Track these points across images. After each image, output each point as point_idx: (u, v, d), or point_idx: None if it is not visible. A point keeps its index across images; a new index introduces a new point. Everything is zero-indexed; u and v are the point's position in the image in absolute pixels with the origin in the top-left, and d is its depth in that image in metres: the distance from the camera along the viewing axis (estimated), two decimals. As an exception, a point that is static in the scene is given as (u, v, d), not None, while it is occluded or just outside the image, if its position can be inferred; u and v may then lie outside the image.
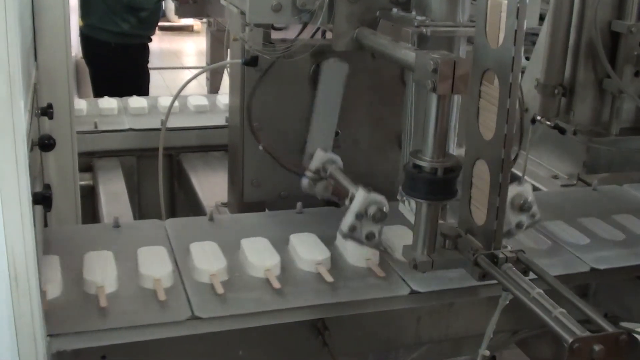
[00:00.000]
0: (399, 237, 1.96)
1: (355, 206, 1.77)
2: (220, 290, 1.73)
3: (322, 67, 2.23)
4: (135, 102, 3.38)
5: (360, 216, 1.76)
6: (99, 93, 4.43)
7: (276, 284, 1.77)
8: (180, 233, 2.02)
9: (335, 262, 1.90)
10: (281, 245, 1.95)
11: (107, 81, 4.58)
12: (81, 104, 3.27)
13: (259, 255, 1.87)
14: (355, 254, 1.91)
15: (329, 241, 1.97)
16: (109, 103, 3.34)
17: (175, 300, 1.70)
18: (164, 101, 3.36)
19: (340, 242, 1.97)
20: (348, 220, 1.76)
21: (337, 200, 2.14)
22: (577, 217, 2.26)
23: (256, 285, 1.79)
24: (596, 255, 2.02)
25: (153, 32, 4.88)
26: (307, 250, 1.91)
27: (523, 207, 1.84)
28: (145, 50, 4.87)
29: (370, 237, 1.77)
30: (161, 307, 1.68)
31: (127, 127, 3.14)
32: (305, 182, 2.15)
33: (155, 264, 1.81)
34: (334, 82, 2.24)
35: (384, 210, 1.76)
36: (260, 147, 2.22)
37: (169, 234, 2.01)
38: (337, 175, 2.04)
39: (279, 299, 1.75)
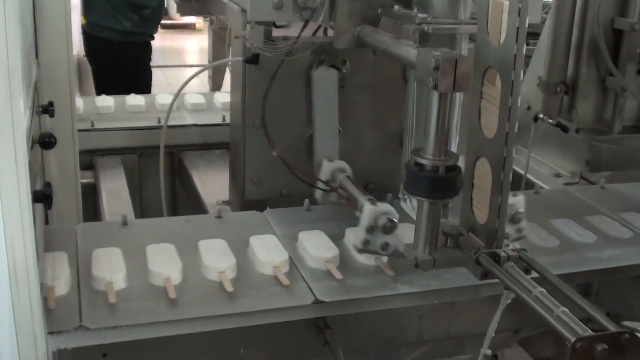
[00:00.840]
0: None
1: (364, 221, 1.77)
2: (229, 288, 1.73)
3: (312, 77, 2.22)
4: (134, 100, 3.38)
5: (371, 230, 1.77)
6: (101, 91, 4.43)
7: (285, 281, 1.78)
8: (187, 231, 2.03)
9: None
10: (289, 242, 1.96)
11: (109, 79, 4.58)
12: (79, 102, 3.27)
13: (268, 252, 1.88)
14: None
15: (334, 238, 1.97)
16: (106, 101, 3.34)
17: (182, 298, 1.70)
18: (162, 99, 3.36)
19: (347, 239, 1.98)
20: (360, 235, 1.78)
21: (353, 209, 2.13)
22: (584, 215, 2.26)
23: (264, 282, 1.80)
24: (606, 254, 2.02)
25: (156, 30, 4.88)
26: (316, 247, 1.91)
27: (513, 218, 1.84)
28: (148, 48, 4.87)
29: (385, 247, 1.77)
30: (166, 305, 1.68)
31: (127, 125, 3.13)
32: (318, 194, 2.15)
33: (164, 262, 1.81)
34: (326, 90, 2.23)
35: (394, 219, 1.76)
36: (275, 154, 2.21)
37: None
38: (346, 185, 2.04)
39: (283, 297, 1.75)
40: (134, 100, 3.37)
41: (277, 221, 2.10)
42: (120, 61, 4.61)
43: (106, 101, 3.32)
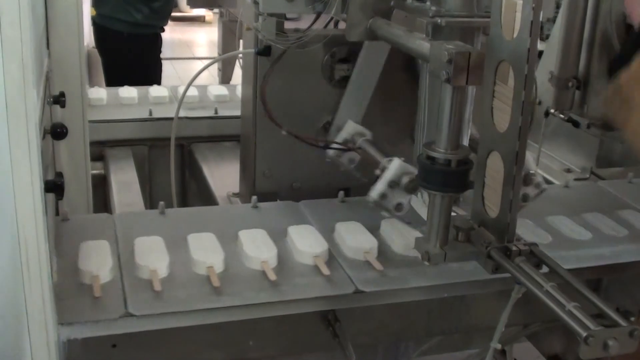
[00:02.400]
0: (398, 231, 1.96)
1: (389, 174, 1.76)
2: (272, 277, 1.76)
3: (365, 44, 2.22)
4: (154, 91, 3.39)
5: (393, 184, 1.76)
6: (111, 83, 4.44)
7: (326, 271, 1.79)
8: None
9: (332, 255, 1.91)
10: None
11: (119, 71, 4.58)
12: (102, 93, 3.29)
13: (307, 242, 1.90)
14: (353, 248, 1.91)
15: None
16: (129, 92, 3.36)
17: (225, 286, 1.72)
18: (154, 91, 3.39)
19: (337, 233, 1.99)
20: (379, 187, 1.77)
21: (360, 176, 2.13)
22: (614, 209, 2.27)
23: (305, 272, 1.82)
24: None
25: (166, 23, 4.88)
26: (353, 238, 1.93)
27: (526, 180, 1.84)
28: (158, 40, 4.87)
29: (399, 208, 1.77)
30: (209, 292, 1.70)
31: (138, 116, 3.13)
32: (331, 152, 2.14)
33: (206, 251, 1.84)
34: (375, 56, 2.23)
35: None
36: (284, 132, 2.21)
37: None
38: (368, 147, 2.04)
39: (289, 290, 1.75)
40: (156, 91, 3.39)
41: (312, 212, 2.12)
42: (130, 53, 4.61)
43: (130, 92, 3.34)
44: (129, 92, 3.36)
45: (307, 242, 1.90)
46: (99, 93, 3.31)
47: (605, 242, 2.06)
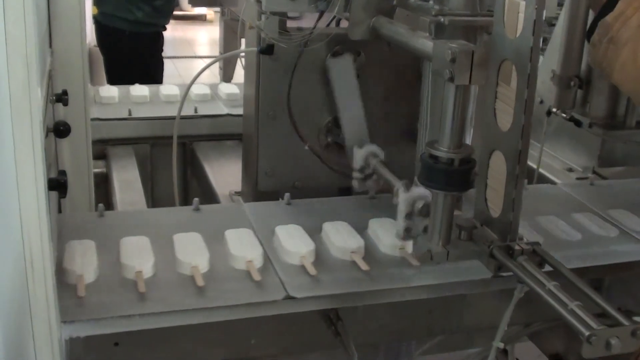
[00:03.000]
0: (385, 230, 1.97)
1: (401, 209, 1.77)
2: (313, 271, 1.78)
3: (328, 67, 2.22)
4: (141, 90, 3.39)
5: (410, 216, 1.76)
6: (112, 81, 4.44)
7: (312, 271, 1.80)
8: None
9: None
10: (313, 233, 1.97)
11: (120, 69, 4.59)
12: (114, 91, 3.31)
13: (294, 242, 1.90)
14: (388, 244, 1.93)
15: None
16: (142, 90, 3.37)
17: (266, 279, 1.75)
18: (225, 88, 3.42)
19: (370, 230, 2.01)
20: (400, 224, 1.77)
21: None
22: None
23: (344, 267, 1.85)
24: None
25: (167, 21, 4.88)
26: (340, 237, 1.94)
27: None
28: (160, 39, 4.87)
29: (426, 230, 1.77)
30: (172, 295, 1.69)
31: (140, 115, 3.14)
32: (355, 183, 2.14)
33: (244, 247, 1.86)
34: (344, 77, 2.22)
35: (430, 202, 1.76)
36: (306, 147, 2.22)
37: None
38: (380, 170, 2.04)
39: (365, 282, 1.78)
40: (167, 89, 3.39)
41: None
42: (131, 51, 4.62)
43: (142, 90, 3.35)
44: (141, 90, 3.37)
45: (342, 238, 1.92)
46: (110, 91, 3.33)
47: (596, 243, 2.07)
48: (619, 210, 2.26)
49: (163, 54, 4.98)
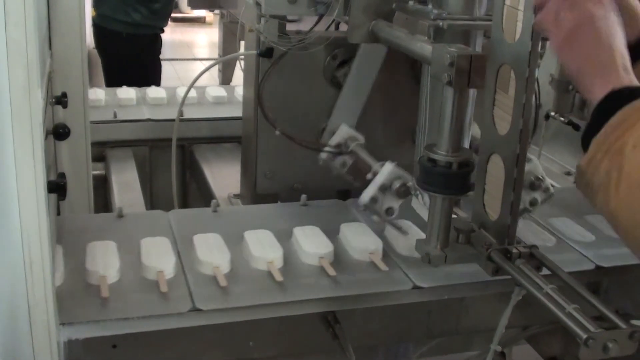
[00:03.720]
0: (355, 234, 1.98)
1: (380, 178, 1.77)
2: (332, 272, 1.78)
3: (361, 47, 2.21)
4: (151, 92, 3.40)
5: (383, 188, 1.76)
6: (111, 83, 4.44)
7: (383, 267, 1.84)
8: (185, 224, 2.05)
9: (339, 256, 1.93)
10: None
11: (118, 71, 4.58)
12: (101, 94, 3.30)
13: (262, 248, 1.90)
14: (358, 248, 1.93)
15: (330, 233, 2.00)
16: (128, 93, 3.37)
17: (287, 280, 1.76)
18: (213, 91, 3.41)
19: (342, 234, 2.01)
20: (370, 191, 1.77)
21: (351, 180, 2.13)
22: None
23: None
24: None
25: (165, 24, 4.87)
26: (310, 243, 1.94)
27: (534, 185, 1.84)
28: (157, 41, 4.87)
29: (389, 212, 1.77)
30: (169, 298, 1.70)
31: (140, 117, 3.14)
32: (323, 155, 2.15)
33: (264, 248, 1.88)
34: (371, 61, 2.22)
35: (408, 185, 1.75)
36: (277, 133, 2.21)
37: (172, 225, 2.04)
38: (360, 152, 2.04)
39: (290, 291, 1.76)
40: (153, 92, 3.39)
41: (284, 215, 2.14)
42: (128, 54, 4.61)
43: (128, 93, 3.35)
44: (127, 93, 3.36)
45: (360, 239, 1.94)
46: (97, 94, 3.32)
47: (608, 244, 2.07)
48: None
49: (162, 57, 4.98)
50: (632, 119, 1.26)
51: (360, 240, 1.94)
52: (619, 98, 1.29)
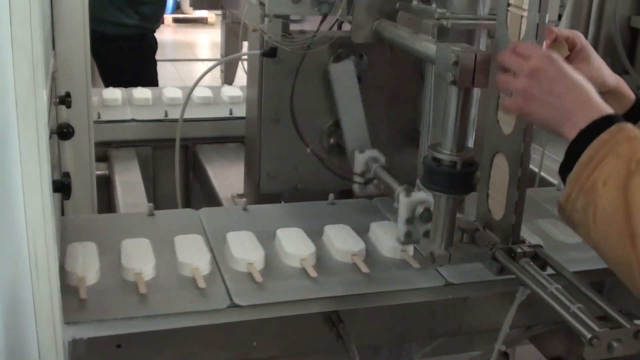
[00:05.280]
0: (385, 233, 1.98)
1: (402, 214, 1.77)
2: (259, 278, 1.76)
3: (330, 72, 2.23)
4: (142, 93, 3.39)
5: (410, 221, 1.76)
6: (108, 84, 4.41)
7: (365, 269, 1.82)
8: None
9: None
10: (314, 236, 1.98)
11: (110, 72, 4.54)
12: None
13: (294, 244, 1.90)
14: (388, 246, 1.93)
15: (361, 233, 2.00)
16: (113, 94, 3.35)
17: (211, 288, 1.73)
18: (169, 92, 3.39)
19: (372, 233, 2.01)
20: (401, 229, 1.77)
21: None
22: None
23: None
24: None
25: (156, 26, 4.80)
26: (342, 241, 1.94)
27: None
28: (146, 42, 4.78)
29: (427, 234, 1.77)
30: (180, 296, 1.69)
31: (144, 117, 3.14)
32: (355, 187, 2.15)
33: (297, 245, 1.88)
34: (346, 82, 2.23)
35: (431, 208, 1.76)
36: (308, 150, 2.22)
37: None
38: (381, 175, 2.04)
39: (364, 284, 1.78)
40: (142, 93, 3.38)
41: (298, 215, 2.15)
42: (117, 54, 4.56)
43: (113, 94, 3.34)
44: (112, 93, 3.35)
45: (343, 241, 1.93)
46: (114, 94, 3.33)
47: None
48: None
49: (163, 57, 4.92)
50: (600, 154, 1.31)
51: (388, 239, 1.95)
52: (588, 134, 1.34)
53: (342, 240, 1.92)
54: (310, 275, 1.78)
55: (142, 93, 3.36)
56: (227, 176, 2.86)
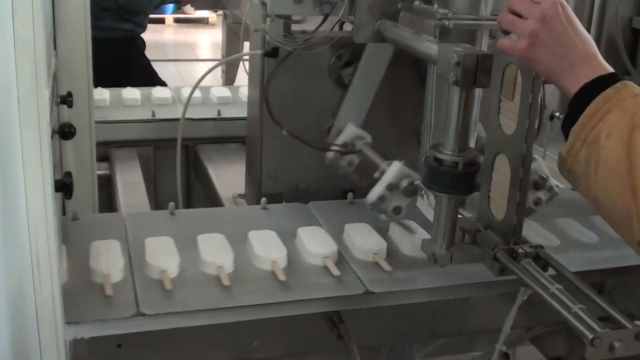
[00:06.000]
0: (404, 233, 1.98)
1: (388, 176, 1.76)
2: (336, 271, 1.78)
3: (368, 47, 2.21)
4: (131, 93, 3.38)
5: (391, 187, 1.76)
6: (95, 85, 4.37)
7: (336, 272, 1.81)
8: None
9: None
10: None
11: (100, 74, 4.51)
12: (105, 94, 3.30)
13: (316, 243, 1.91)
14: (363, 249, 1.92)
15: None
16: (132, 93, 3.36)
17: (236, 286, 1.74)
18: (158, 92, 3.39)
19: (346, 235, 2.00)
20: (378, 189, 1.77)
21: (358, 180, 2.13)
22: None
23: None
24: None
25: (141, 30, 4.77)
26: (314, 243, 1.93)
27: (538, 184, 1.84)
28: (135, 43, 4.75)
29: (397, 211, 1.77)
30: (176, 297, 1.69)
31: (144, 117, 3.14)
32: (330, 155, 2.15)
33: (215, 251, 1.86)
34: (377, 60, 2.22)
35: (416, 184, 1.75)
36: (284, 132, 2.21)
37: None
38: (367, 151, 2.04)
39: (293, 290, 1.76)
40: (131, 93, 3.37)
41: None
42: (102, 57, 4.52)
43: (102, 94, 3.33)
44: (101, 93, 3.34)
45: (316, 244, 1.91)
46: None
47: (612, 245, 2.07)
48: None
49: (165, 57, 4.90)
50: (605, 108, 1.33)
51: (364, 240, 1.94)
52: (592, 88, 1.36)
53: (362, 239, 1.93)
54: (333, 273, 1.79)
55: (130, 93, 3.36)
56: (228, 176, 2.86)
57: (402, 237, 1.96)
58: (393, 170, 1.79)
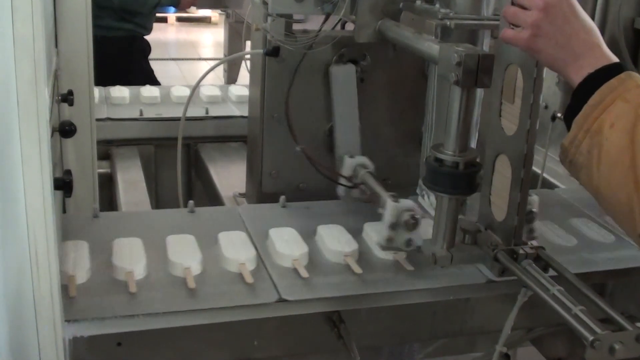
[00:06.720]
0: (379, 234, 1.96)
1: (387, 219, 1.77)
2: (250, 279, 1.76)
3: (331, 74, 2.22)
4: (119, 91, 3.39)
5: (394, 227, 1.76)
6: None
7: (304, 274, 1.80)
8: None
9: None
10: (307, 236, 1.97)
11: (99, 73, 4.50)
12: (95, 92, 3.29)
13: (287, 246, 1.89)
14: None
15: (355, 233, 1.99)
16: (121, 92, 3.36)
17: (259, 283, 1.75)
18: (177, 91, 3.39)
19: (365, 235, 1.99)
20: (384, 233, 1.77)
21: (374, 207, 2.13)
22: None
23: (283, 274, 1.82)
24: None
25: (147, 32, 4.77)
26: (335, 241, 1.93)
27: (526, 218, 1.83)
28: (136, 43, 4.75)
29: (409, 243, 1.77)
30: (186, 295, 1.69)
31: (145, 116, 3.14)
32: (340, 190, 2.14)
33: (184, 252, 1.85)
34: (345, 86, 2.22)
35: (417, 216, 1.76)
36: (298, 149, 2.21)
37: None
38: (368, 181, 2.04)
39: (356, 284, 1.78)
40: (119, 92, 3.38)
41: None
42: (104, 56, 4.52)
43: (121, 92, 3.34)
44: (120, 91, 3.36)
45: (287, 245, 1.91)
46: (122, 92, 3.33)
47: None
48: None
49: (167, 56, 4.90)
50: (609, 98, 1.32)
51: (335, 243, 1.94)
52: (595, 78, 1.35)
53: (333, 241, 1.92)
54: (355, 271, 1.79)
55: (118, 92, 3.36)
56: (229, 175, 2.86)
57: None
58: (388, 211, 1.78)
